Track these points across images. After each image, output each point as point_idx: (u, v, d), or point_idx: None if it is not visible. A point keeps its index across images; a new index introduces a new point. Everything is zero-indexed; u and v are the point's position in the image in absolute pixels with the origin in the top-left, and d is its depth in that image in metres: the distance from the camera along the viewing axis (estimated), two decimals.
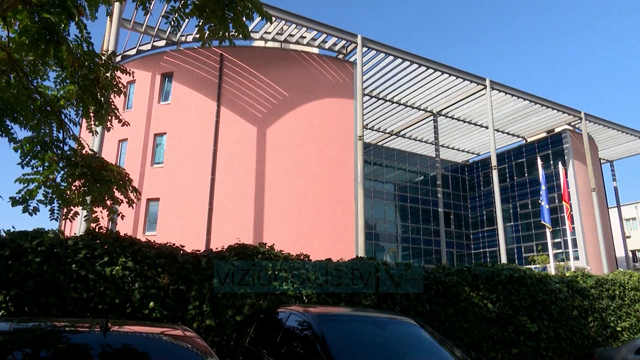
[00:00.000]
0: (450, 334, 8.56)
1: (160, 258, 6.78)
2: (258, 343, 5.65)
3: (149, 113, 22.43)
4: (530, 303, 9.90)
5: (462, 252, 39.73)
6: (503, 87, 27.99)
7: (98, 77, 5.68)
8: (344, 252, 17.07)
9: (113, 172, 6.30)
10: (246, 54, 22.60)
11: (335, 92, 23.06)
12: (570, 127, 33.77)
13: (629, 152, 38.14)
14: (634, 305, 12.33)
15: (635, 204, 48.87)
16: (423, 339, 5.02)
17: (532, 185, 35.67)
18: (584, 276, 11.94)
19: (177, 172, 21.12)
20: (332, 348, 4.11)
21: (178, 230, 19.58)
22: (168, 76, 22.89)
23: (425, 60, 25.34)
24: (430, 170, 39.35)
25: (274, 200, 20.78)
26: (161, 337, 3.45)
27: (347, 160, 22.24)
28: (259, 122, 21.74)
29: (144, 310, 6.35)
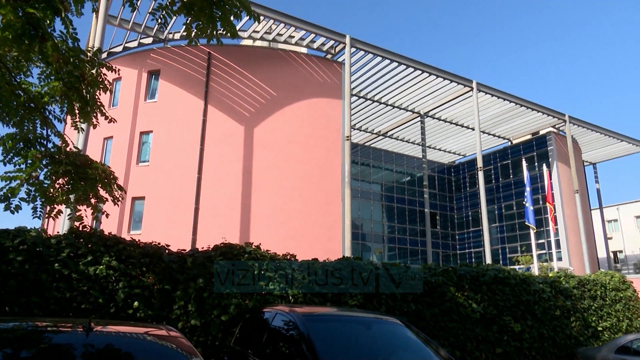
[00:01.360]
0: (435, 333, 8.63)
1: (145, 257, 6.72)
2: (244, 343, 5.63)
3: (135, 111, 22.21)
4: (514, 303, 10.03)
5: (448, 252, 40.04)
6: (489, 89, 28.26)
7: (83, 74, 5.60)
8: (331, 252, 17.10)
9: (98, 170, 6.23)
10: (234, 53, 22.50)
11: (323, 92, 23.07)
12: (555, 130, 34.23)
13: (612, 154, 38.77)
14: (614, 306, 12.56)
15: (617, 205, 49.72)
16: (408, 339, 5.05)
17: (517, 187, 36.08)
18: (567, 277, 12.13)
19: (163, 171, 20.95)
20: (318, 348, 4.11)
21: (164, 229, 19.42)
22: (155, 74, 22.68)
23: (413, 61, 25.48)
24: (417, 171, 39.58)
25: (260, 200, 20.73)
26: (145, 337, 3.41)
27: (334, 161, 22.27)
28: (246, 121, 21.66)
29: (128, 310, 6.29)
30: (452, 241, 40.71)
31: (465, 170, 41.91)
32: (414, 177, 39.72)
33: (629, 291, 13.18)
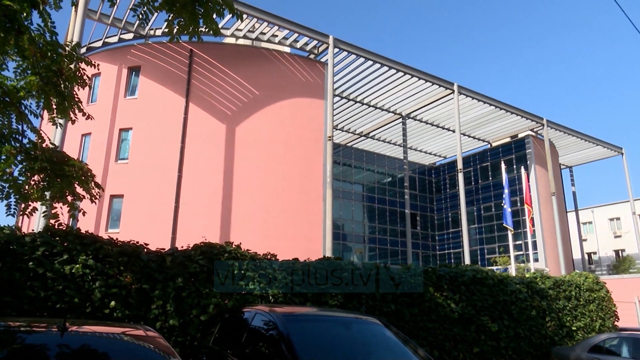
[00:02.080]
0: (414, 333, 8.70)
1: (123, 256, 6.62)
2: (222, 343, 5.59)
3: (115, 107, 21.86)
4: (492, 303, 10.17)
5: (428, 252, 40.41)
6: (470, 92, 28.63)
7: (61, 69, 5.50)
8: (312, 252, 17.08)
9: (75, 167, 6.12)
10: (216, 51, 22.33)
11: (305, 91, 23.06)
12: (533, 133, 34.84)
13: (587, 158, 39.67)
14: (588, 306, 12.84)
15: (592, 208, 50.88)
16: (388, 339, 5.08)
17: (496, 189, 36.61)
18: (543, 277, 12.35)
19: (143, 169, 20.67)
20: (298, 348, 4.11)
21: (143, 228, 19.16)
22: (135, 70, 22.36)
23: (396, 63, 25.66)
24: (398, 172, 39.85)
25: (242, 199, 20.61)
26: (122, 337, 3.37)
27: (316, 161, 22.28)
28: (228, 120, 21.51)
29: (105, 309, 6.19)
30: (432, 242, 41.11)
31: (445, 172, 42.37)
32: (395, 178, 39.99)
33: (602, 292, 13.49)
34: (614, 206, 49.33)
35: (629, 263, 43.34)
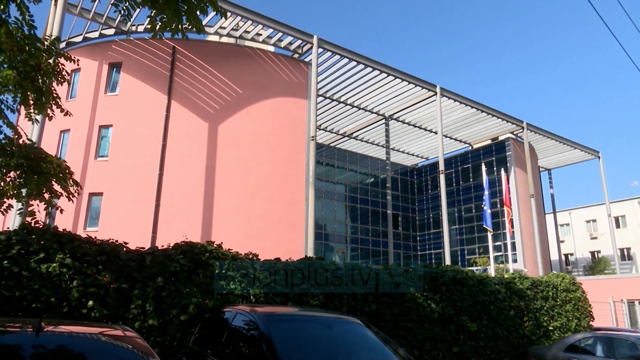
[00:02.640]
0: (395, 333, 8.76)
1: (102, 255, 6.51)
2: (202, 343, 5.55)
3: (95, 103, 21.50)
4: (471, 303, 10.30)
5: (409, 253, 40.71)
6: (452, 94, 28.92)
7: (39, 63, 5.39)
8: (294, 252, 17.04)
9: (52, 163, 6.00)
10: (200, 48, 22.13)
11: (289, 91, 23.02)
12: (513, 136, 35.37)
13: (565, 161, 40.43)
14: (564, 306, 13.09)
15: (569, 210, 51.86)
16: (368, 339, 5.11)
17: (477, 190, 37.06)
18: (521, 278, 12.55)
19: (123, 166, 20.37)
20: (278, 348, 4.10)
21: (122, 226, 18.89)
22: (116, 66, 22.03)
23: (379, 64, 25.78)
24: (380, 173, 40.05)
25: (224, 198, 20.47)
26: (99, 338, 3.32)
27: (299, 160, 22.25)
28: (210, 118, 21.35)
29: (82, 309, 6.08)
30: (413, 242, 41.42)
31: (427, 173, 42.73)
32: (378, 179, 40.18)
33: (579, 292, 13.78)
34: (590, 208, 50.38)
35: (604, 264, 44.32)
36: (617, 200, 46.82)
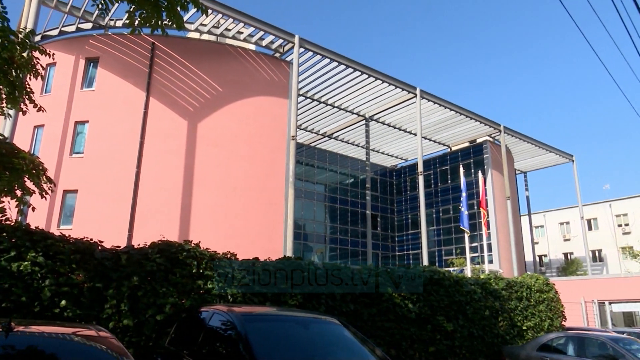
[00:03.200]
0: (372, 333, 8.80)
1: (76, 254, 6.37)
2: (179, 343, 5.49)
3: (70, 99, 21.05)
4: (448, 303, 10.42)
5: (387, 253, 40.99)
6: (432, 96, 29.24)
7: (13, 57, 5.25)
8: (272, 251, 17.00)
9: (25, 159, 5.86)
10: (180, 45, 21.88)
11: (270, 90, 22.93)
12: (491, 139, 35.95)
13: (541, 164, 41.28)
14: (538, 306, 13.36)
15: (544, 212, 52.96)
16: (346, 339, 5.12)
17: (454, 192, 37.52)
18: (497, 279, 12.75)
19: (99, 163, 20.00)
20: (255, 348, 4.08)
21: (97, 224, 18.54)
22: (93, 61, 21.61)
23: (360, 65, 25.89)
24: (360, 174, 40.22)
25: (202, 197, 20.28)
26: (72, 338, 3.25)
27: (279, 160, 22.19)
28: (190, 116, 21.12)
29: (55, 309, 5.94)
30: (391, 243, 41.72)
31: (406, 174, 43.09)
32: (357, 179, 40.35)
33: (552, 293, 14.07)
34: (564, 211, 51.54)
35: (577, 265, 45.42)
36: (589, 203, 48.06)
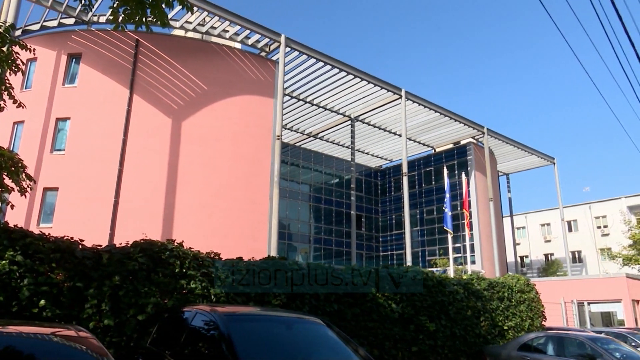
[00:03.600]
0: (355, 333, 8.83)
1: (56, 252, 6.27)
2: (160, 343, 5.44)
3: (52, 95, 20.70)
4: (430, 303, 10.51)
5: (371, 254, 41.14)
6: (417, 98, 29.43)
7: None
8: (257, 251, 16.95)
9: (4, 156, 5.75)
10: (164, 42, 21.66)
11: (255, 89, 22.84)
12: (474, 141, 36.32)
13: (523, 167, 41.86)
14: (519, 306, 13.54)
15: (525, 214, 53.71)
16: (329, 339, 5.13)
17: (438, 193, 37.81)
18: (479, 279, 12.89)
19: (81, 161, 19.69)
20: (238, 348, 4.06)
21: (78, 223, 18.25)
22: (75, 57, 21.27)
23: (346, 65, 25.95)
24: (345, 174, 40.30)
25: (186, 196, 20.11)
26: (51, 338, 3.19)
27: (264, 159, 22.12)
28: (174, 114, 20.92)
29: (33, 309, 5.84)
30: (375, 243, 41.89)
31: (390, 175, 43.30)
32: (342, 180, 40.43)
33: (532, 293, 14.28)
34: (545, 212, 52.33)
35: (557, 266, 46.15)
36: (570, 205, 48.90)
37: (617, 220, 43.90)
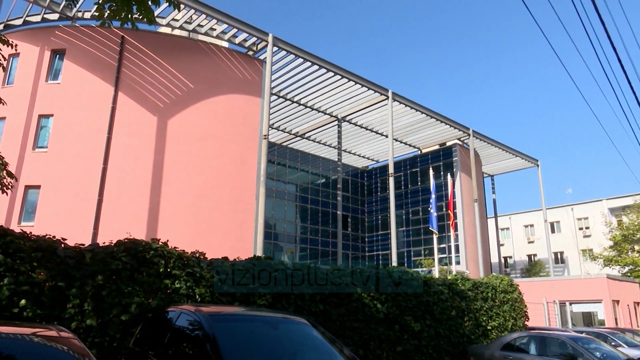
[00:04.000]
0: (341, 333, 8.84)
1: (37, 251, 6.17)
2: (144, 344, 5.38)
3: (34, 91, 20.36)
4: (415, 304, 10.57)
5: (357, 254, 41.26)
6: (404, 99, 29.58)
7: None
8: (242, 251, 16.90)
9: None
10: (150, 39, 21.45)
11: (242, 88, 22.74)
12: (460, 142, 36.63)
13: (507, 168, 42.35)
14: (502, 307, 13.70)
15: (509, 215, 54.35)
16: (314, 339, 5.12)
17: (424, 194, 38.07)
18: (463, 279, 13.01)
19: (64, 159, 19.41)
20: (223, 348, 4.04)
21: (61, 221, 17.99)
22: (59, 53, 20.96)
23: (334, 66, 25.97)
24: (331, 174, 40.35)
25: (171, 195, 19.94)
26: (32, 339, 3.14)
27: (250, 159, 22.03)
28: (160, 112, 20.73)
29: (14, 309, 5.73)
30: (361, 243, 42.01)
31: (377, 176, 43.47)
32: (329, 180, 40.47)
33: (515, 293, 14.45)
34: (528, 214, 53.01)
35: (540, 267, 46.78)
36: (553, 207, 49.62)
37: (599, 221, 44.69)
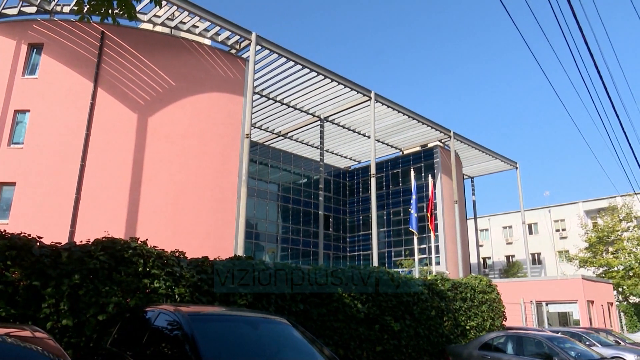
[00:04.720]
0: (321, 333, 8.85)
1: (11, 250, 6.03)
2: (121, 344, 5.30)
3: (10, 86, 19.87)
4: (395, 304, 10.64)
5: (339, 254, 41.35)
6: (386, 100, 29.75)
7: None
8: (223, 250, 16.76)
9: None
10: (131, 36, 21.13)
11: (224, 86, 22.57)
12: (441, 144, 37.02)
13: (487, 170, 42.95)
14: (481, 307, 13.88)
15: (488, 217, 55.13)
16: (295, 339, 5.12)
17: (405, 195, 38.35)
18: (443, 280, 13.15)
19: (40, 155, 18.99)
20: (202, 348, 4.00)
21: (37, 219, 17.60)
22: (37, 47, 20.49)
23: (317, 66, 25.96)
24: (313, 174, 40.36)
25: (151, 193, 19.68)
26: (5, 339, 3.06)
27: (232, 158, 21.88)
28: (140, 109, 20.44)
29: None
30: (343, 243, 42.12)
31: (359, 176, 43.65)
32: (311, 180, 40.47)
33: (494, 294, 14.67)
34: (507, 215, 53.85)
35: (517, 268, 47.59)
36: (530, 209, 50.51)
37: (575, 223, 45.65)
